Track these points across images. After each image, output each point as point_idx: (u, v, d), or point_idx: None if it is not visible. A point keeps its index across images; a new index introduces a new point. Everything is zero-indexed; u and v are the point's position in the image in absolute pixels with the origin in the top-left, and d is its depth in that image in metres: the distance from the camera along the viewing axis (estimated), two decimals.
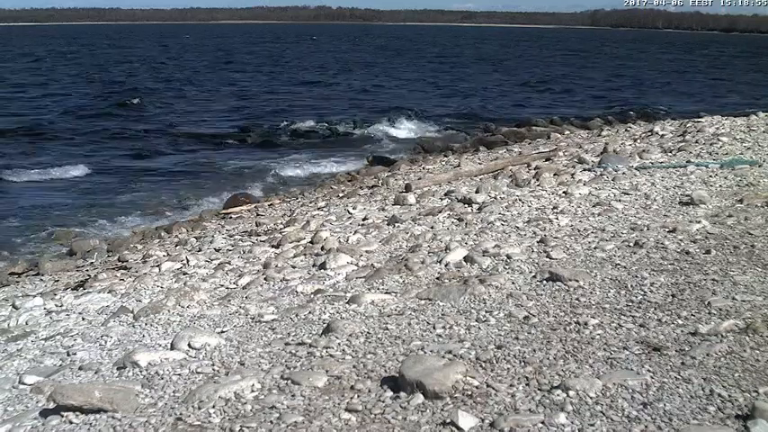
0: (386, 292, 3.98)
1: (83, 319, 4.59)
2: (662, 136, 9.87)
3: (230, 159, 14.51)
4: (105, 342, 3.87)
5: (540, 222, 5.28)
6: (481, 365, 2.73)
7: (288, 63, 45.08)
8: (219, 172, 13.32)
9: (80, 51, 56.32)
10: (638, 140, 9.87)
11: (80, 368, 3.43)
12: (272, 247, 6.23)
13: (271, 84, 30.87)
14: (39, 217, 10.19)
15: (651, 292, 3.48)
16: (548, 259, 4.28)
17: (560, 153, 9.52)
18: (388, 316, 3.52)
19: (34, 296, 5.58)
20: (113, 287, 5.39)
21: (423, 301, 3.69)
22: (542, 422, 2.24)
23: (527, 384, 2.53)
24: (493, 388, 2.51)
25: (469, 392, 2.48)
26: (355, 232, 6.13)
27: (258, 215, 9.03)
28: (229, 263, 5.77)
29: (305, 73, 36.67)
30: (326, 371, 2.78)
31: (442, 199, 7.23)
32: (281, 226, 7.49)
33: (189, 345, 3.37)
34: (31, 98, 24.51)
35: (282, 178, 12.80)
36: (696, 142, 8.47)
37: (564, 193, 6.33)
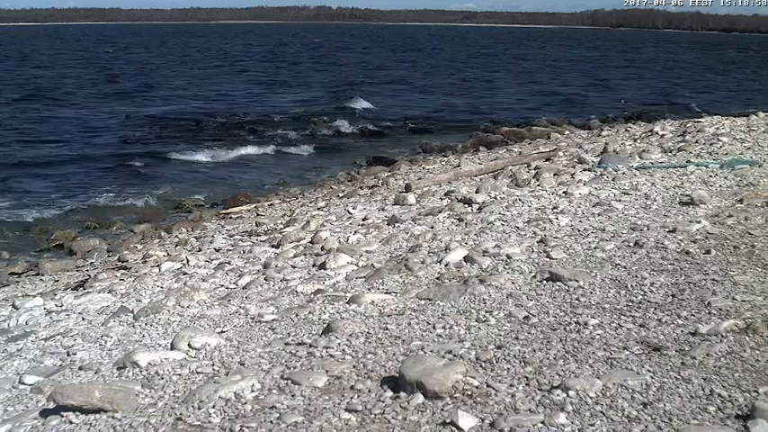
0: (386, 292, 3.98)
1: (83, 319, 4.59)
2: (662, 136, 9.87)
3: None
4: (105, 342, 3.87)
5: (540, 222, 5.28)
6: (481, 365, 2.73)
7: None
8: None
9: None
10: (638, 140, 9.87)
11: (80, 368, 3.43)
12: (272, 247, 6.23)
13: None
14: (34, 217, 10.25)
15: (651, 292, 3.48)
16: (548, 259, 4.28)
17: (560, 153, 9.52)
18: (388, 316, 3.52)
19: (34, 296, 5.58)
20: (113, 287, 5.39)
21: (423, 301, 3.69)
22: (542, 422, 2.24)
23: (527, 384, 2.53)
24: (493, 388, 2.51)
25: (469, 392, 2.48)
26: (355, 232, 6.12)
27: (258, 215, 9.04)
28: (229, 263, 5.77)
29: None
30: (326, 371, 2.78)
31: (442, 199, 7.23)
32: (281, 226, 7.49)
33: (189, 345, 3.37)
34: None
35: None
36: (696, 142, 8.47)
37: (564, 193, 6.33)
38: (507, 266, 4.20)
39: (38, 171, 13.62)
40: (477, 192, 6.98)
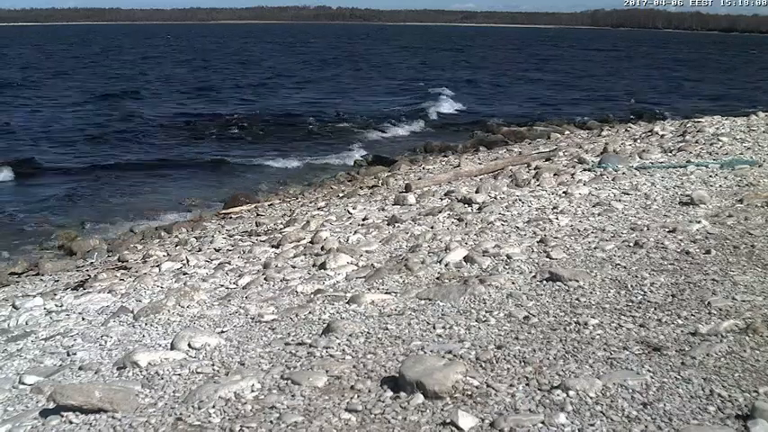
0: (386, 292, 3.98)
1: (83, 319, 4.59)
2: (662, 136, 9.87)
3: None
4: (105, 342, 3.87)
5: (540, 222, 5.28)
6: (481, 365, 2.73)
7: None
8: None
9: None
10: (638, 140, 9.87)
11: (80, 368, 3.43)
12: (272, 247, 6.23)
13: None
14: (34, 217, 10.25)
15: (651, 292, 3.48)
16: (548, 259, 4.28)
17: (560, 153, 9.52)
18: (388, 316, 3.52)
19: (34, 296, 5.58)
20: (113, 287, 5.39)
21: (423, 301, 3.69)
22: (542, 422, 2.23)
23: (527, 384, 2.53)
24: (493, 388, 2.51)
25: (469, 392, 2.48)
26: (355, 232, 6.12)
27: (258, 215, 9.04)
28: (229, 263, 5.77)
29: None
30: (326, 371, 2.78)
31: (442, 199, 7.23)
32: (281, 226, 7.49)
33: (189, 345, 3.37)
34: None
35: None
36: (696, 142, 8.47)
37: (564, 193, 6.32)
38: (507, 266, 4.20)
39: (41, 171, 13.63)
40: (477, 192, 6.98)
